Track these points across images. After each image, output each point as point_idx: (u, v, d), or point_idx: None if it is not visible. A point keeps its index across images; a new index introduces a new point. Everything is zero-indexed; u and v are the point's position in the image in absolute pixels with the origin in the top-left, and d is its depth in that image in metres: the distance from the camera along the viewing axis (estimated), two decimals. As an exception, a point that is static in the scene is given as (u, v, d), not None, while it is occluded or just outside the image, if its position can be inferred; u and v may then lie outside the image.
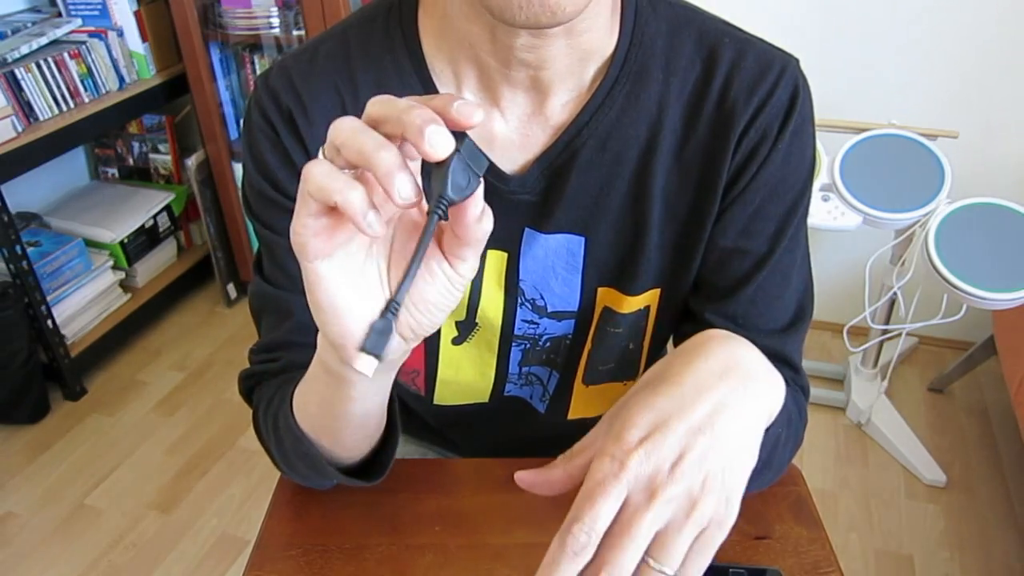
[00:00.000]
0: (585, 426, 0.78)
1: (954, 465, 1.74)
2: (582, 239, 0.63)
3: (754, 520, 0.64)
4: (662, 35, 0.59)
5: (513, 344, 0.70)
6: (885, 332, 1.77)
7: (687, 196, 0.61)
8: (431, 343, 0.70)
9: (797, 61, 0.60)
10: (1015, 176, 1.80)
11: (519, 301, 0.67)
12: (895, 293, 1.67)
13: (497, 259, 0.65)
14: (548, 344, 0.70)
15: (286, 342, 0.63)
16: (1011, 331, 1.64)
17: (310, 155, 0.60)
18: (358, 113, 0.55)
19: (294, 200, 0.53)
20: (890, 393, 1.90)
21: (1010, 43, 1.68)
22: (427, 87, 0.59)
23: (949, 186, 1.50)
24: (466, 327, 0.69)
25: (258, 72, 2.01)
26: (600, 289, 0.66)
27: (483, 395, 0.75)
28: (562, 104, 0.59)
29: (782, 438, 0.57)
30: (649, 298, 0.66)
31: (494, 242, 0.64)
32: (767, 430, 0.53)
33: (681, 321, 0.70)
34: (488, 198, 0.61)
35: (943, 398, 1.95)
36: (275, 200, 0.61)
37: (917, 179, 1.52)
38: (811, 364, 1.99)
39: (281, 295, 0.63)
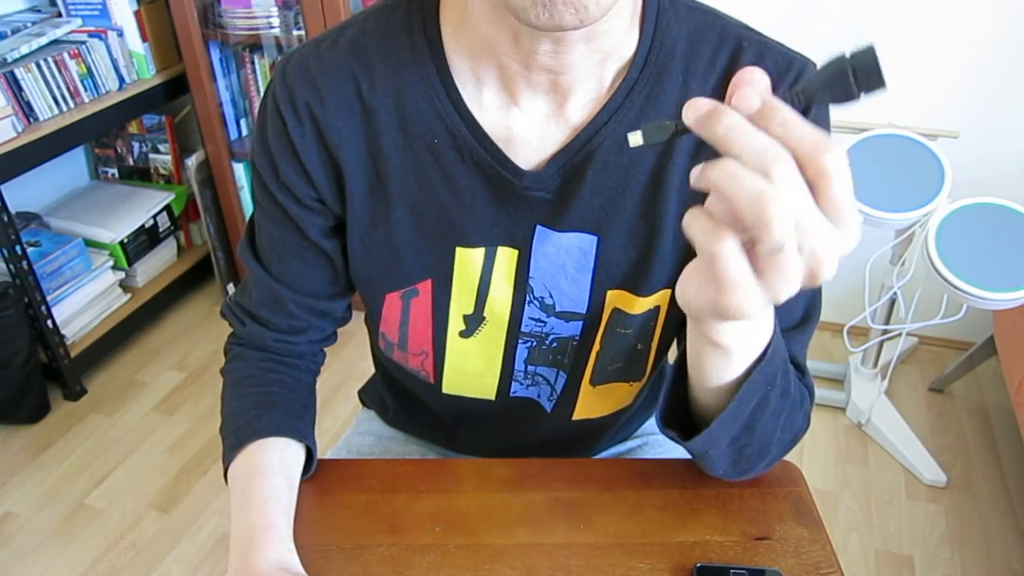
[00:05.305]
0: (588, 427, 0.79)
1: (954, 465, 1.74)
2: (595, 238, 0.63)
3: (754, 520, 0.63)
4: (683, 38, 0.59)
5: (520, 341, 0.70)
6: (885, 332, 1.77)
7: (702, 197, 0.61)
8: (439, 329, 0.70)
9: (815, 64, 0.60)
10: (1015, 176, 1.80)
11: (528, 298, 0.67)
12: (895, 293, 1.67)
13: (508, 255, 0.65)
14: (555, 344, 0.70)
15: (250, 312, 0.73)
16: (1011, 331, 1.63)
17: (328, 144, 0.62)
18: (373, 100, 0.60)
19: (289, 191, 0.65)
20: (890, 393, 1.90)
21: (1010, 43, 1.68)
22: (444, 80, 0.60)
23: (949, 186, 1.50)
24: (474, 320, 0.69)
25: (258, 72, 2.01)
26: (610, 292, 0.66)
27: (490, 391, 0.75)
28: (581, 104, 0.59)
29: (771, 402, 0.56)
30: (659, 299, 0.66)
31: (505, 238, 0.64)
32: (751, 377, 0.53)
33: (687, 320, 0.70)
34: (501, 193, 0.62)
35: (943, 398, 1.95)
36: (272, 186, 0.65)
37: (917, 179, 1.52)
38: (811, 364, 1.97)
39: (256, 270, 0.70)
